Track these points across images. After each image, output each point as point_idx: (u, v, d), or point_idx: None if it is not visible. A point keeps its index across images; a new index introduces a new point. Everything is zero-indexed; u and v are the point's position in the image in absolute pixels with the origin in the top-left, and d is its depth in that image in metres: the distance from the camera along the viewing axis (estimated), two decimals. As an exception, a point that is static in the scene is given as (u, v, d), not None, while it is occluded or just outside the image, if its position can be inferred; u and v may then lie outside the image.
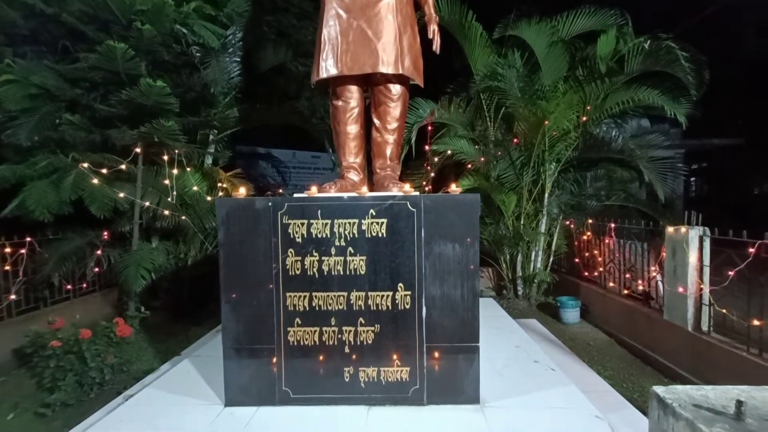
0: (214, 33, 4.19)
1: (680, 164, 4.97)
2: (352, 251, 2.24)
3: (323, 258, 2.24)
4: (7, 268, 3.66)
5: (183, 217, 4.42)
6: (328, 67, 2.66)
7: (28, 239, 3.79)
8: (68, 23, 3.65)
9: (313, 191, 2.42)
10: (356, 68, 2.63)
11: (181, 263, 4.93)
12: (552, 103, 4.78)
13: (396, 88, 2.83)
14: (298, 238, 2.24)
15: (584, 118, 4.83)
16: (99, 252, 4.33)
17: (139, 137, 3.75)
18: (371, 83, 2.88)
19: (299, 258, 2.24)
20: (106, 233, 4.36)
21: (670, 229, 3.48)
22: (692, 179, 14.39)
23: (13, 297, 3.65)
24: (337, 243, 2.24)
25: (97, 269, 4.50)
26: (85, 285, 4.54)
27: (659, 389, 0.80)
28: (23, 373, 3.37)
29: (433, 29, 2.82)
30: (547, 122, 4.71)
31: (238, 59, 4.55)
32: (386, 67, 2.62)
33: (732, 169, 12.57)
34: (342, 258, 2.24)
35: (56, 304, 4.17)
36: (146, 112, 3.66)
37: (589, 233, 4.98)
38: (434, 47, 2.84)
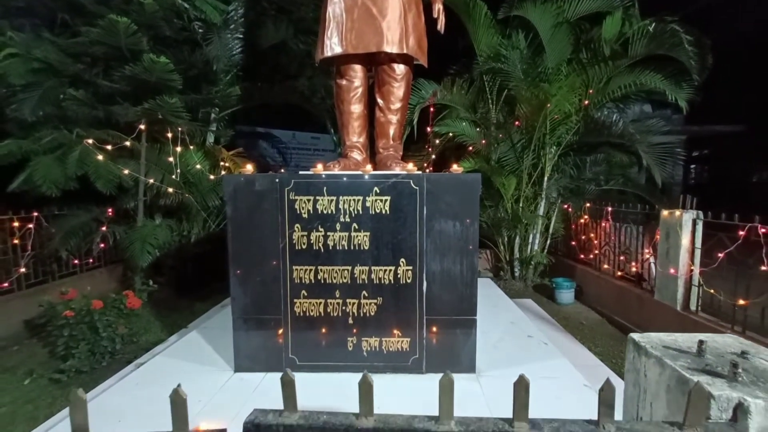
0: (216, 8, 4.15)
1: (680, 150, 4.98)
2: (357, 227, 2.32)
3: (329, 233, 2.32)
4: (16, 241, 3.75)
5: (186, 195, 4.48)
6: (332, 45, 2.67)
7: (35, 214, 3.85)
8: (68, -3, 3.60)
9: (319, 169, 2.47)
10: (361, 47, 2.64)
11: (184, 240, 5.02)
12: (554, 86, 4.78)
13: (400, 68, 2.84)
14: (305, 213, 2.31)
15: (586, 102, 4.84)
16: (104, 228, 4.41)
17: (142, 114, 3.77)
18: (375, 62, 2.89)
19: (305, 233, 2.32)
20: (110, 210, 4.43)
21: (664, 213, 3.57)
22: (692, 166, 14.42)
23: (22, 270, 3.74)
24: (342, 219, 2.31)
25: (102, 245, 4.58)
26: (91, 260, 4.63)
27: (635, 335, 0.90)
28: (35, 342, 3.49)
29: (438, 8, 2.81)
30: (549, 105, 4.73)
31: (240, 36, 4.51)
32: (391, 47, 2.63)
33: (732, 156, 12.59)
34: (347, 233, 2.32)
35: (64, 278, 4.27)
36: (149, 88, 3.67)
37: (586, 217, 5.06)
38: (439, 27, 2.84)
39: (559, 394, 2.14)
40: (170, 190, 4.29)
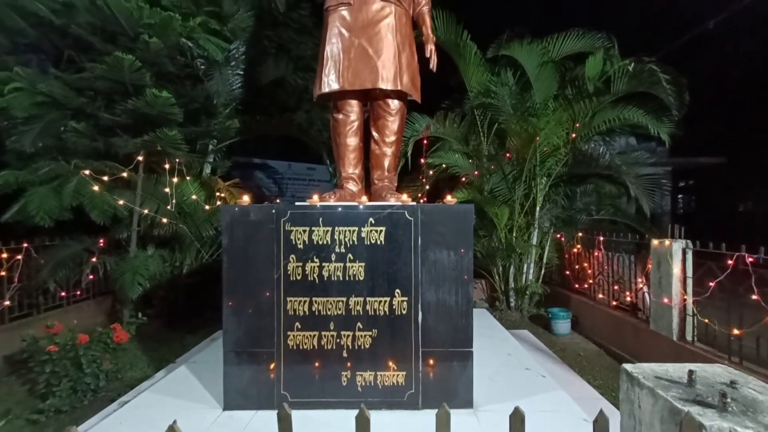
0: (218, 46, 4.33)
1: (666, 181, 5.17)
2: (352, 257, 2.33)
3: (324, 264, 2.32)
4: (2, 273, 3.67)
5: (181, 225, 4.47)
6: (330, 82, 2.79)
7: (25, 245, 3.80)
8: (76, 34, 3.75)
9: (315, 200, 2.51)
10: (357, 83, 2.76)
11: (176, 271, 4.95)
12: (542, 120, 4.98)
13: (394, 103, 2.97)
14: (300, 244, 2.32)
15: (573, 135, 5.03)
16: (95, 259, 4.35)
17: (142, 146, 3.83)
18: (371, 98, 3.01)
19: (300, 264, 2.32)
20: (102, 240, 4.39)
21: (655, 242, 3.63)
22: (679, 196, 14.79)
23: (7, 303, 3.64)
24: (337, 249, 2.33)
25: (92, 276, 4.49)
26: (79, 292, 4.53)
27: (628, 366, 0.91)
28: (14, 380, 3.34)
29: (430, 49, 2.96)
30: (538, 138, 4.90)
31: (241, 72, 4.69)
32: (386, 84, 2.75)
33: (717, 187, 12.98)
34: (342, 264, 2.32)
35: (50, 310, 4.15)
36: (150, 121, 3.75)
37: (578, 246, 5.12)
38: (431, 65, 2.99)
39: (558, 428, 2.08)
40: (164, 220, 4.28)
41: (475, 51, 5.46)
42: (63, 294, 4.25)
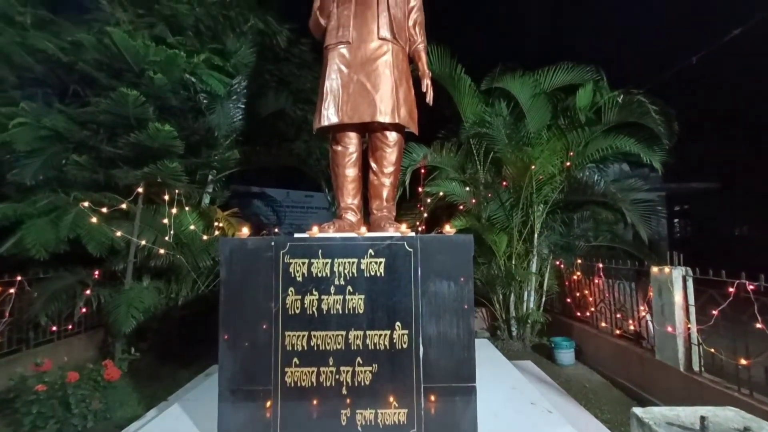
0: (221, 81, 4.46)
1: (661, 207, 5.23)
2: (351, 290, 2.30)
3: (323, 297, 2.29)
4: (-7, 308, 3.59)
5: (178, 256, 4.43)
6: (329, 115, 2.87)
7: (18, 278, 3.74)
8: (83, 71, 3.87)
9: (314, 231, 2.51)
10: (356, 117, 2.84)
11: (171, 303, 4.86)
12: (537, 150, 5.08)
13: (392, 136, 3.03)
14: (299, 277, 2.30)
15: (568, 164, 5.12)
16: (89, 291, 4.27)
17: (142, 177, 3.86)
18: (369, 130, 3.08)
19: (299, 297, 2.29)
20: (97, 272, 4.32)
21: (654, 269, 3.62)
22: (675, 221, 14.90)
23: (-4, 338, 3.54)
24: (336, 282, 2.30)
25: (84, 309, 4.39)
26: (70, 326, 4.41)
27: (638, 410, 0.88)
28: (-2, 420, 3.19)
29: (426, 83, 3.06)
30: (533, 167, 4.98)
31: (242, 105, 4.80)
32: (384, 117, 2.83)
33: (711, 212, 13.12)
34: (341, 296, 2.29)
35: (39, 346, 4.03)
36: (151, 153, 3.80)
37: (578, 273, 5.09)
38: (427, 99, 3.08)
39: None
40: (162, 251, 4.25)
41: (469, 83, 5.65)
42: (54, 328, 4.14)
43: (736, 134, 11.63)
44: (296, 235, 2.51)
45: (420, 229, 5.55)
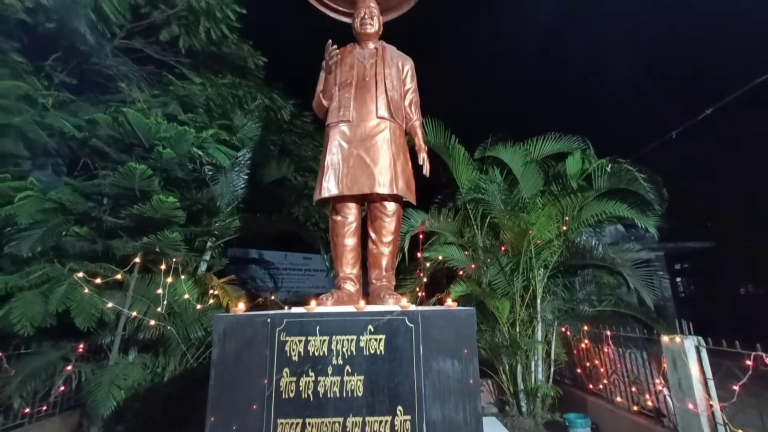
0: (226, 154, 4.67)
1: (661, 266, 5.19)
2: (350, 370, 2.18)
3: (319, 378, 2.15)
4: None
5: (168, 328, 4.25)
6: (330, 187, 2.96)
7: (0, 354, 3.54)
8: (95, 146, 4.05)
9: (312, 306, 2.44)
10: (355, 189, 2.93)
11: (156, 379, 4.55)
12: (533, 215, 5.17)
13: (391, 206, 3.10)
14: (295, 356, 2.19)
15: (564, 228, 5.18)
16: (70, 367, 4.01)
17: (141, 248, 3.84)
18: (368, 201, 3.16)
19: (294, 378, 2.15)
20: (81, 346, 4.10)
21: (665, 339, 3.48)
22: (678, 279, 14.72)
23: (-39, 425, 3.25)
24: (334, 361, 2.18)
25: (63, 388, 4.10)
26: (44, 407, 4.07)
27: None
28: None
29: (423, 157, 3.21)
30: (531, 231, 5.03)
31: (246, 175, 4.97)
32: (382, 188, 2.92)
33: (712, 270, 13.02)
34: (339, 378, 2.16)
35: (10, 431, 3.68)
36: (152, 223, 3.83)
37: (586, 341, 4.88)
38: (424, 172, 3.21)
39: None
40: (152, 322, 4.08)
41: (463, 152, 5.93)
42: (27, 410, 3.82)
43: (728, 194, 12.01)
44: (293, 310, 2.44)
45: (420, 295, 5.43)
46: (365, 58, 3.26)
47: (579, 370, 5.00)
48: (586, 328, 4.94)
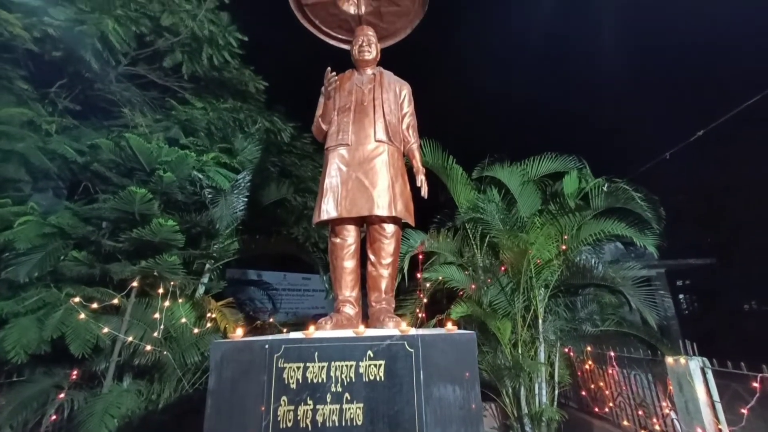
0: (226, 177, 4.71)
1: (662, 285, 5.15)
2: (349, 398, 2.13)
3: (318, 407, 2.10)
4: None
5: (165, 353, 4.17)
6: (329, 210, 2.98)
7: (-9, 383, 3.46)
8: (97, 171, 4.09)
9: (311, 331, 2.41)
10: (354, 211, 2.94)
11: (151, 406, 4.43)
12: (532, 235, 5.17)
13: (390, 228, 3.11)
14: (293, 383, 2.14)
15: (564, 247, 5.17)
16: (62, 396, 3.91)
17: (139, 272, 3.82)
18: (368, 223, 3.17)
19: (292, 407, 2.10)
20: (75, 373, 4.01)
21: (670, 360, 3.43)
22: (680, 296, 14.59)
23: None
24: (333, 389, 2.14)
25: (54, 417, 3.98)
26: (33, 439, 3.94)
27: None
28: None
29: (421, 179, 3.24)
30: (530, 251, 5.02)
31: (245, 198, 4.99)
32: (381, 210, 2.93)
33: (714, 286, 12.94)
34: (338, 406, 2.11)
35: (-4, 464, 3.56)
36: (151, 247, 3.82)
37: (590, 362, 4.80)
38: (422, 194, 3.23)
39: None
40: (148, 347, 4.01)
41: (461, 172, 5.98)
42: (15, 442, 3.70)
43: (727, 211, 12.08)
44: (291, 335, 2.41)
45: (420, 316, 5.37)
46: (363, 84, 3.34)
47: (584, 393, 4.89)
48: (589, 348, 4.86)
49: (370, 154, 3.09)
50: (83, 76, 5.18)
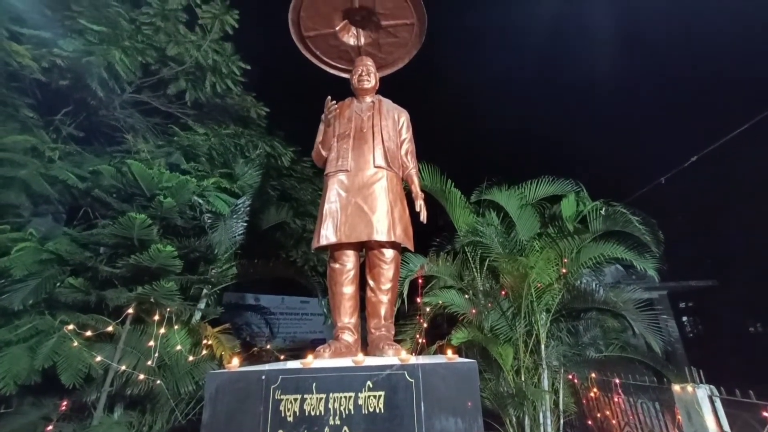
0: (226, 202, 4.72)
1: (665, 307, 5.09)
2: (348, 431, 2.06)
3: (315, 441, 2.03)
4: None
5: (158, 382, 4.06)
6: (328, 235, 2.98)
7: (-25, 416, 3.34)
8: (97, 196, 4.11)
9: (309, 360, 2.36)
10: (353, 236, 2.95)
11: (142, 440, 4.27)
12: (532, 258, 5.15)
13: (389, 253, 3.10)
14: (290, 416, 2.08)
15: (564, 271, 5.14)
16: (50, 428, 3.76)
17: (135, 298, 3.77)
18: (367, 248, 3.17)
19: (289, 442, 2.03)
20: (65, 403, 3.88)
21: (677, 388, 3.35)
22: (684, 319, 14.39)
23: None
24: (331, 421, 2.07)
25: (41, 451, 3.82)
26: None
27: None
28: None
29: (420, 204, 3.27)
30: (531, 275, 4.98)
31: (245, 223, 5.00)
32: (380, 236, 2.94)
33: (717, 308, 12.79)
34: (336, 441, 2.04)
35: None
36: (149, 273, 3.79)
37: (595, 389, 4.67)
38: (421, 218, 3.25)
39: None
40: (141, 376, 3.91)
41: (459, 196, 6.02)
42: (-3, 479, 3.54)
43: (727, 233, 12.12)
44: (289, 365, 2.36)
45: (421, 342, 5.26)
46: (363, 111, 3.41)
47: (590, 422, 4.74)
48: (593, 375, 4.75)
49: (369, 180, 3.13)
50: (88, 103, 5.29)
